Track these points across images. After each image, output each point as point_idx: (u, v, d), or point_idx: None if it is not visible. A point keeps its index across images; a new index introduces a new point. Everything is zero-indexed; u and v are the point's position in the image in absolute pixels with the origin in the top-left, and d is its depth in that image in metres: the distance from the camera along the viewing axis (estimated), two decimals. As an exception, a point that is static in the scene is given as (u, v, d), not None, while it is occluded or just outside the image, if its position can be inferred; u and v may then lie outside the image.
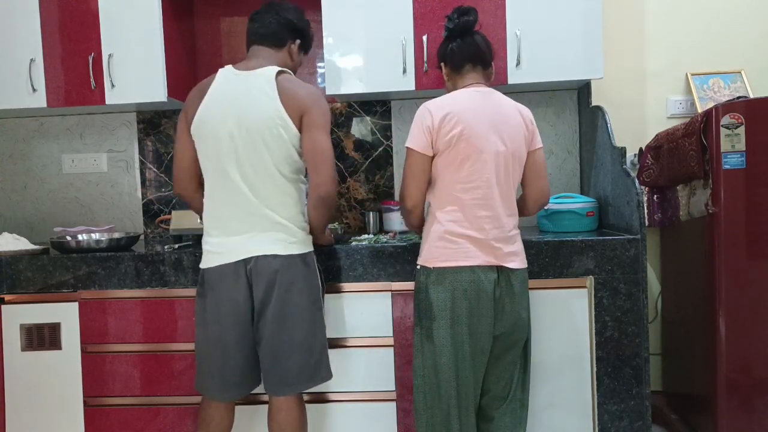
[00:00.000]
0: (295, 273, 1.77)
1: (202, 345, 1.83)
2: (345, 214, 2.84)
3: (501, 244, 1.75)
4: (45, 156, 2.94)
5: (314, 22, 2.77)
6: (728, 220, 2.10)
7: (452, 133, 1.70)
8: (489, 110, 1.76)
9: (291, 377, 1.78)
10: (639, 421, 2.09)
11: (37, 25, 2.49)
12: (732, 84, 2.64)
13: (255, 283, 1.75)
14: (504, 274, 1.76)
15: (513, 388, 1.87)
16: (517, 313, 1.79)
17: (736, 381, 2.12)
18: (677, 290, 2.53)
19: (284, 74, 1.78)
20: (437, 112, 1.72)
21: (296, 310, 1.77)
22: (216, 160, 1.76)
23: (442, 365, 1.74)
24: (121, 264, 2.18)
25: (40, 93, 2.51)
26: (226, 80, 1.78)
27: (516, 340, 1.82)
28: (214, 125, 1.75)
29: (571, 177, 2.75)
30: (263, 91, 1.73)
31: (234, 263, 1.75)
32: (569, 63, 2.36)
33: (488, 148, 1.72)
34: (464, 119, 1.71)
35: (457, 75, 1.84)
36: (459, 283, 1.72)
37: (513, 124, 1.78)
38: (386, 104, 2.79)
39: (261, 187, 1.74)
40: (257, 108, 1.72)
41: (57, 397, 2.21)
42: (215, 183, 1.78)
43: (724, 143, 2.08)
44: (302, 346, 1.78)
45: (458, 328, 1.73)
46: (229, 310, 1.76)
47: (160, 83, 2.48)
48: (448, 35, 1.85)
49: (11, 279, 2.21)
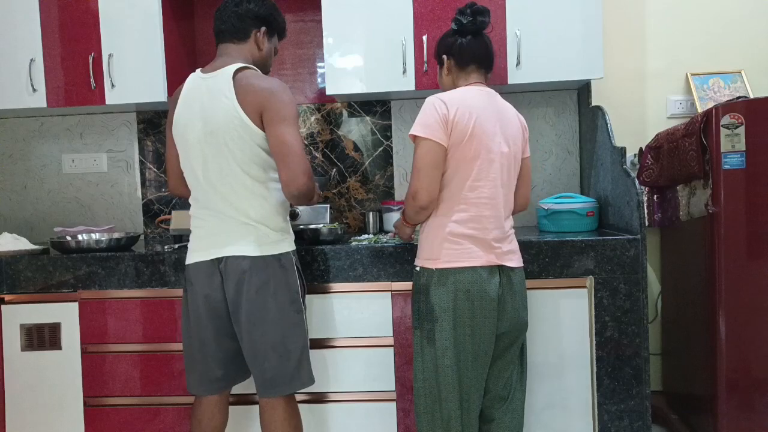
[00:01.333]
0: (266, 274, 1.73)
1: (185, 341, 1.86)
2: (345, 214, 2.84)
3: (500, 244, 1.76)
4: (45, 156, 2.94)
5: (314, 22, 2.79)
6: (728, 220, 2.10)
7: (467, 127, 1.67)
8: (495, 111, 1.76)
9: (268, 380, 1.76)
10: (639, 421, 2.09)
11: (37, 25, 2.49)
12: (732, 84, 2.64)
13: (226, 283, 1.75)
14: (505, 273, 1.76)
15: (513, 388, 1.86)
16: (518, 311, 1.80)
17: (736, 381, 2.12)
18: (677, 290, 2.53)
19: (244, 71, 1.72)
20: (452, 104, 1.68)
21: (270, 311, 1.74)
22: (187, 162, 1.78)
23: (444, 368, 1.72)
24: (121, 264, 2.18)
25: (40, 93, 2.51)
26: (194, 84, 1.77)
27: (514, 338, 1.82)
28: (184, 130, 1.76)
29: (571, 177, 2.75)
30: (222, 92, 1.69)
31: (210, 261, 1.76)
32: (569, 63, 2.36)
33: (495, 148, 1.72)
34: (476, 116, 1.69)
35: (461, 72, 1.82)
36: (461, 283, 1.69)
37: (514, 128, 1.80)
38: (386, 104, 2.79)
39: (228, 190, 1.73)
40: (217, 110, 1.69)
41: (57, 397, 2.21)
42: (192, 186, 1.81)
43: (724, 143, 2.08)
44: (277, 349, 1.74)
45: (461, 329, 1.71)
46: (204, 305, 1.77)
47: (160, 83, 2.48)
48: (459, 30, 1.81)
49: (11, 279, 2.21)
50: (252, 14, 1.79)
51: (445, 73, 1.85)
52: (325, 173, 2.83)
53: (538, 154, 2.76)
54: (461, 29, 1.80)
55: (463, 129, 1.67)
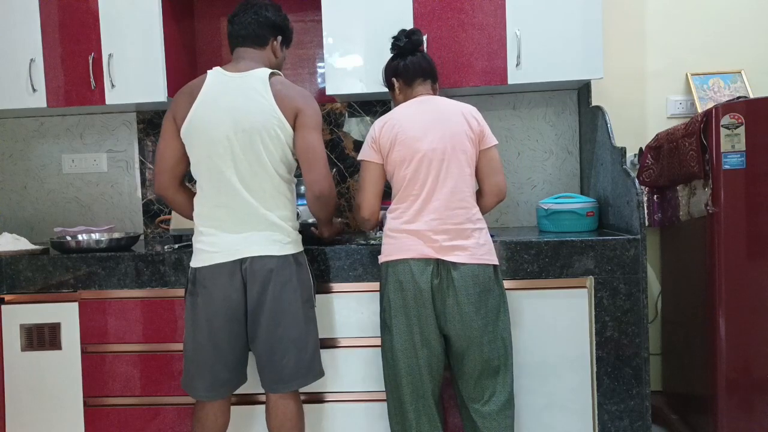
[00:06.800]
0: (289, 272, 1.79)
1: (190, 345, 1.83)
2: (345, 214, 2.84)
3: (441, 236, 1.80)
4: (45, 156, 2.94)
5: (314, 22, 2.79)
6: (728, 220, 2.10)
7: (389, 138, 1.86)
8: (426, 114, 1.88)
9: (286, 375, 1.80)
10: (639, 421, 2.09)
11: (37, 25, 2.50)
12: (732, 84, 2.64)
13: (250, 283, 1.76)
14: (445, 267, 1.80)
15: (502, 404, 1.86)
16: (462, 309, 1.79)
17: (736, 381, 2.12)
18: (677, 290, 2.53)
19: (276, 76, 1.82)
20: (379, 123, 1.91)
21: (291, 308, 1.79)
22: (210, 162, 1.76)
23: (396, 353, 1.84)
24: (121, 264, 2.18)
25: (40, 93, 2.51)
26: (218, 82, 1.78)
27: (472, 353, 1.82)
28: (208, 128, 1.75)
29: (571, 177, 2.75)
30: (258, 92, 1.75)
31: (230, 262, 1.76)
32: (569, 63, 2.37)
33: (424, 147, 1.83)
34: (400, 125, 1.86)
35: (409, 88, 1.98)
36: (396, 275, 1.82)
37: (451, 124, 1.86)
38: (386, 104, 2.79)
39: (258, 187, 1.76)
40: (254, 109, 1.74)
41: (57, 397, 2.21)
42: (209, 184, 1.79)
43: (724, 143, 2.08)
44: (297, 344, 1.80)
45: (402, 318, 1.82)
46: (221, 308, 1.76)
47: (160, 83, 2.48)
48: (399, 53, 1.99)
49: (11, 279, 2.21)
50: (270, 23, 1.88)
51: (397, 93, 2.00)
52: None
53: (538, 153, 2.76)
54: (400, 52, 1.99)
55: (386, 141, 1.86)
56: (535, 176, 2.76)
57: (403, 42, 1.98)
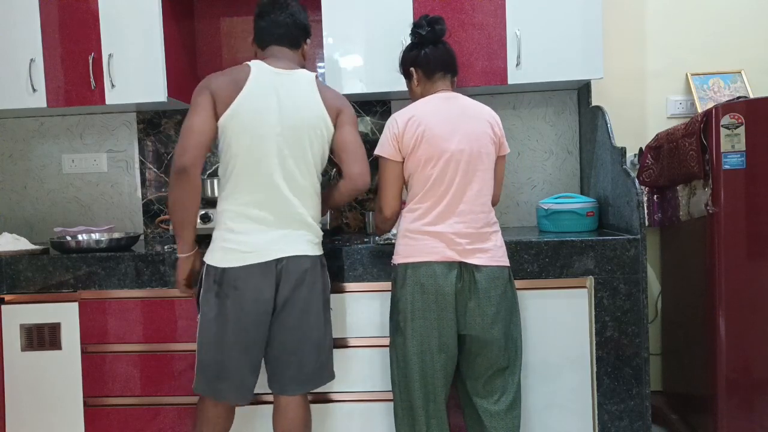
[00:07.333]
0: (317, 273, 1.81)
1: (213, 347, 1.74)
2: (345, 214, 2.84)
3: (464, 240, 1.77)
4: (45, 156, 2.94)
5: (314, 22, 2.78)
6: (728, 220, 2.10)
7: (415, 135, 1.78)
8: (452, 112, 1.82)
9: (304, 376, 1.80)
10: (639, 421, 2.09)
11: (37, 25, 2.49)
12: (732, 84, 2.64)
13: (283, 282, 1.73)
14: (468, 271, 1.78)
15: (510, 403, 1.85)
16: (484, 311, 1.77)
17: (736, 381, 2.12)
18: (677, 290, 2.53)
19: (316, 77, 1.86)
20: (402, 119, 1.81)
21: (315, 309, 1.80)
22: (250, 156, 1.72)
23: (410, 356, 1.80)
24: (121, 264, 2.18)
25: (40, 93, 2.51)
26: (266, 77, 1.76)
27: (486, 354, 1.81)
28: (255, 121, 1.71)
29: (571, 177, 2.75)
30: (306, 90, 1.80)
31: (266, 262, 1.72)
32: (569, 63, 2.37)
33: (451, 147, 1.78)
34: (425, 122, 1.79)
35: (429, 81, 1.90)
36: (417, 277, 1.77)
37: (477, 125, 1.83)
38: (386, 104, 2.79)
39: (299, 186, 1.77)
40: (303, 107, 1.77)
41: (57, 397, 2.21)
42: (246, 179, 1.73)
43: (724, 143, 2.08)
44: (316, 346, 1.81)
45: (420, 321, 1.77)
46: (252, 309, 1.72)
47: (160, 83, 2.47)
48: (420, 42, 1.89)
49: (11, 279, 2.21)
50: (302, 25, 1.90)
51: (415, 84, 1.93)
52: (325, 173, 2.82)
53: (538, 153, 2.76)
54: (422, 41, 1.89)
55: (410, 137, 1.78)
56: (535, 176, 2.76)
57: (425, 31, 1.87)
